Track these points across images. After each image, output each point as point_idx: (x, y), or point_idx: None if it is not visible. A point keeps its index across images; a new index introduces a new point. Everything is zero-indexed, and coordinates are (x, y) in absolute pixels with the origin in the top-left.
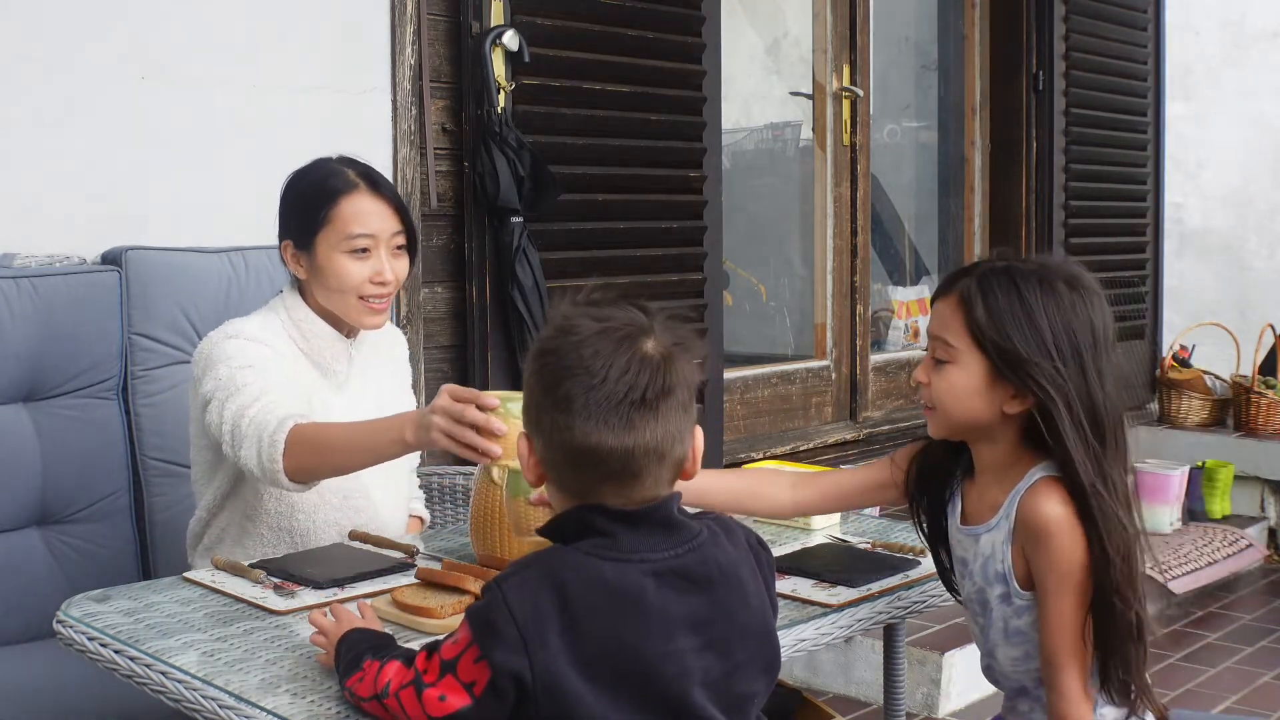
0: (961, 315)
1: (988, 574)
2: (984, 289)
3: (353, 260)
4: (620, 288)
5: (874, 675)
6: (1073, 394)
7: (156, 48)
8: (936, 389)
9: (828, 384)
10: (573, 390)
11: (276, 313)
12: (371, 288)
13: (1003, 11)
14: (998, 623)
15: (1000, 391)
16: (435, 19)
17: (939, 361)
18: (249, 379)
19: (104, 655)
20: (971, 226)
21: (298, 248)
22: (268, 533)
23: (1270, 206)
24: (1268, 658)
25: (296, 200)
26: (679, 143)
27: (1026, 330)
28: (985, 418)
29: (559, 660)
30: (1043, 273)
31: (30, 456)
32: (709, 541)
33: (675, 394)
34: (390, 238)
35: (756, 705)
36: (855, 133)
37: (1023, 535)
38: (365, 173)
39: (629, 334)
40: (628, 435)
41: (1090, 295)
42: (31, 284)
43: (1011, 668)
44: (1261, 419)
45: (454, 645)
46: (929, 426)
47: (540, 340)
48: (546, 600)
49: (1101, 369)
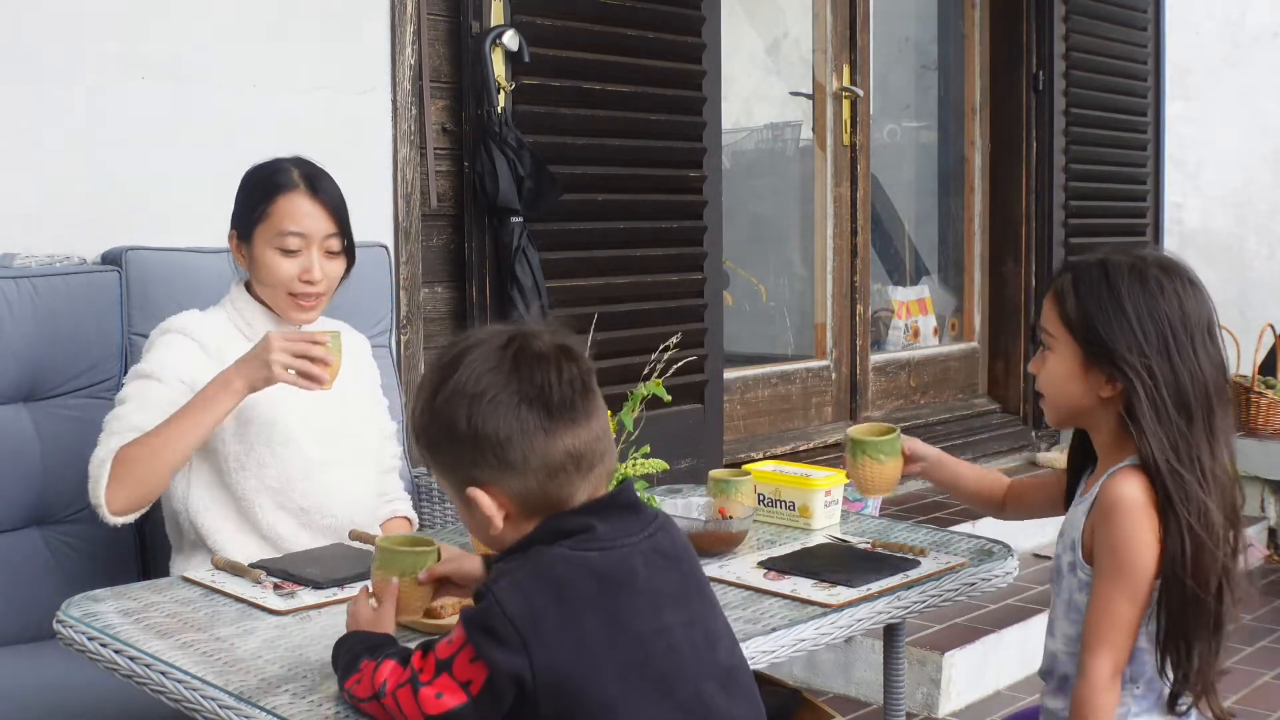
0: (1057, 306)
1: (1067, 540)
2: (1076, 280)
3: (283, 257)
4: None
5: (874, 675)
6: (1158, 379)
7: (157, 48)
8: (1041, 376)
9: (828, 384)
10: (533, 410)
11: (224, 307)
12: (300, 285)
13: (1003, 11)
14: (1064, 593)
15: (1094, 378)
16: (435, 19)
17: (1044, 350)
18: (128, 408)
19: (104, 655)
20: (971, 226)
21: (240, 238)
22: (235, 532)
23: (1270, 206)
24: (1268, 658)
25: (244, 193)
26: (679, 143)
27: (1113, 318)
28: (1084, 403)
29: (561, 658)
30: (1136, 262)
31: (30, 456)
32: (667, 521)
33: (593, 370)
34: (323, 239)
35: (743, 677)
36: (855, 133)
37: (1096, 512)
38: (309, 173)
39: (527, 343)
40: (591, 421)
41: (1183, 283)
42: (31, 284)
43: (1065, 647)
44: (1261, 419)
45: (449, 645)
46: (1046, 414)
47: (459, 395)
48: (542, 598)
49: (1193, 351)
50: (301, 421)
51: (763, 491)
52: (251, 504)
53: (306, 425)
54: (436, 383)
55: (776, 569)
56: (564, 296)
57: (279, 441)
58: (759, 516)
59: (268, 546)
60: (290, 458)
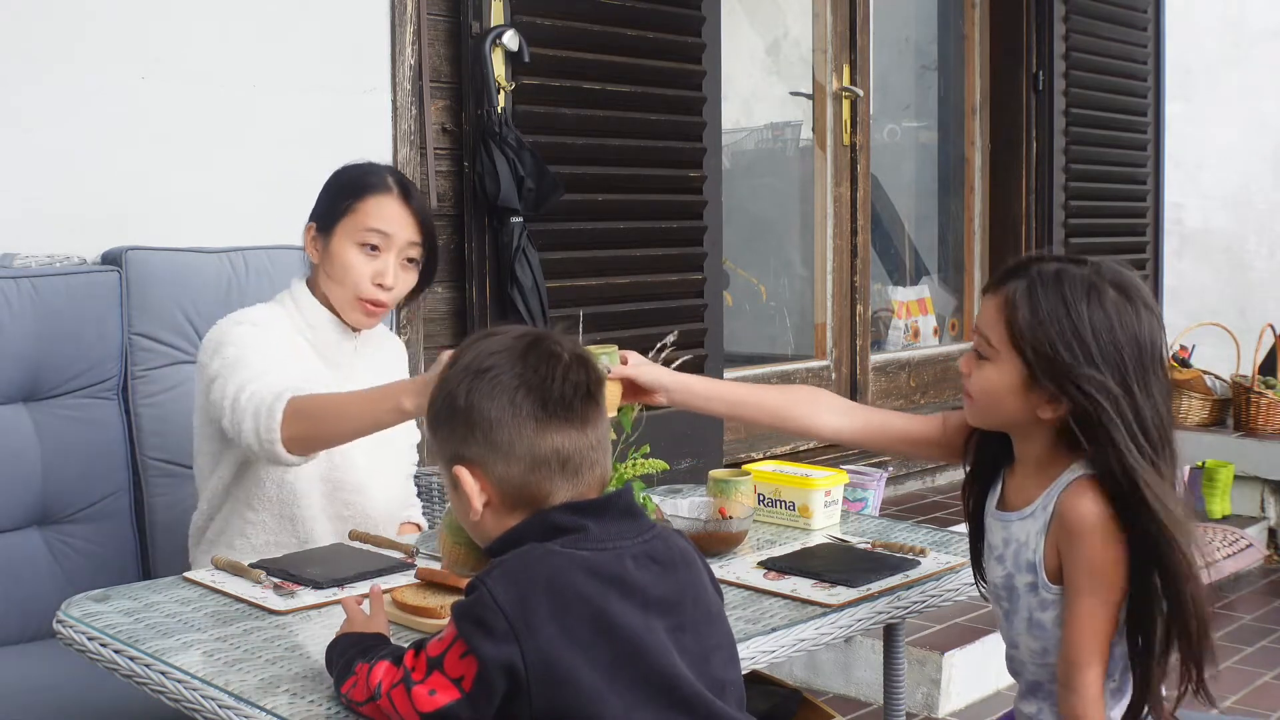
0: (1005, 317)
1: (1019, 561)
2: (1030, 293)
3: (361, 254)
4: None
5: (874, 675)
6: (1123, 402)
7: (156, 47)
8: (975, 383)
9: (828, 384)
10: (528, 397)
11: (283, 304)
12: (370, 288)
13: (1003, 11)
14: (1022, 612)
15: (1036, 396)
16: (435, 19)
17: (980, 356)
18: (253, 359)
19: (104, 655)
20: (971, 226)
21: (319, 230)
22: (270, 520)
23: (1270, 206)
24: (1268, 658)
25: (333, 186)
26: (679, 143)
27: (1071, 340)
28: (1019, 418)
29: (552, 645)
30: (1093, 279)
31: (30, 456)
32: (666, 530)
33: (603, 383)
34: (405, 245)
35: (734, 695)
36: (855, 133)
37: (1059, 531)
38: (402, 181)
39: (546, 341)
40: (586, 429)
41: (1139, 307)
42: (31, 284)
43: (1031, 659)
44: (1261, 419)
45: (439, 642)
46: (967, 414)
47: (466, 370)
48: (533, 588)
49: (1147, 384)
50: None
51: (763, 491)
52: (302, 505)
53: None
54: (454, 359)
55: (776, 569)
56: (564, 296)
57: (338, 449)
58: (759, 516)
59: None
60: (345, 466)
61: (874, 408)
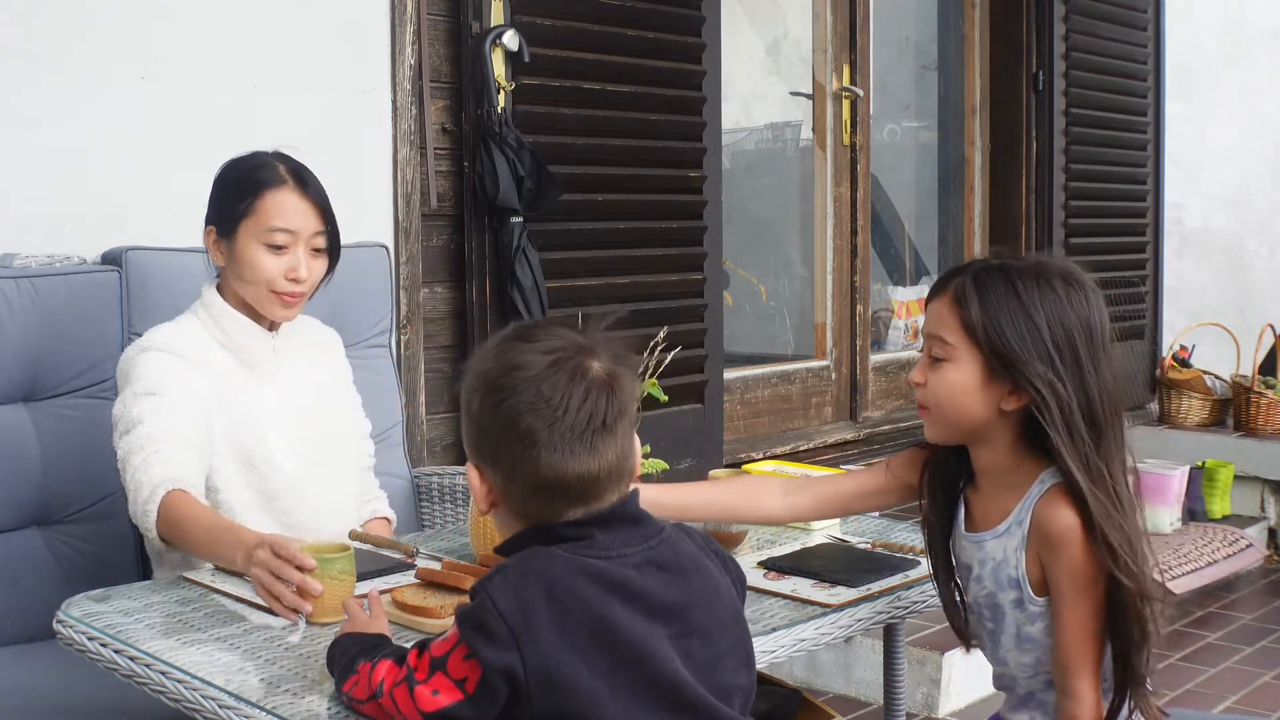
0: (957, 313)
1: (999, 579)
2: (979, 286)
3: (269, 254)
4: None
5: (874, 675)
6: (1068, 391)
7: (156, 47)
8: (933, 388)
9: (828, 384)
10: (535, 425)
11: (196, 314)
12: (284, 283)
13: (1003, 11)
14: (1009, 628)
15: (996, 389)
16: (435, 19)
17: (935, 360)
18: (144, 414)
19: (104, 655)
20: (971, 226)
21: (220, 234)
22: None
23: (1270, 206)
24: (1268, 658)
25: (224, 187)
26: (679, 143)
27: (1022, 327)
28: (982, 417)
29: (553, 651)
30: (1039, 270)
31: (30, 456)
32: (674, 535)
33: (627, 412)
34: (310, 237)
35: (740, 699)
36: (855, 133)
37: (1039, 543)
38: (296, 170)
39: (578, 361)
40: (592, 460)
41: (1086, 292)
42: (31, 284)
43: (1022, 673)
44: (1261, 419)
45: (444, 643)
46: (926, 430)
47: (486, 376)
48: (534, 594)
49: (1098, 365)
50: (279, 436)
51: None
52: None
53: (285, 441)
54: (487, 351)
55: (776, 569)
56: (564, 296)
57: (262, 460)
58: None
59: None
60: (272, 475)
61: (819, 475)
